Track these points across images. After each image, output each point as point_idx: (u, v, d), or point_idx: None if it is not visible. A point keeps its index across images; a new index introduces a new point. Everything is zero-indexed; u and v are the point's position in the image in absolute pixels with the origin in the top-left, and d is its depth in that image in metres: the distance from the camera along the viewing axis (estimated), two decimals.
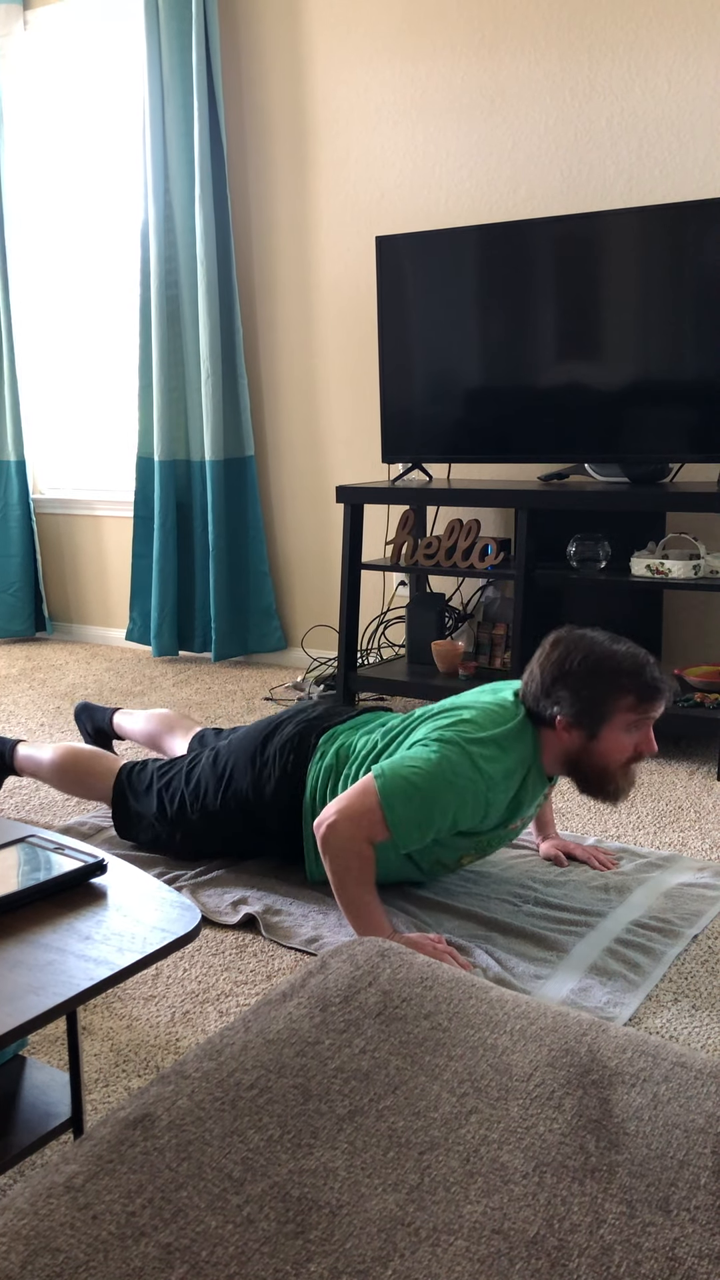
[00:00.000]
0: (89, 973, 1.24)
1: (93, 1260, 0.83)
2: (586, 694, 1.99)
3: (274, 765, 2.26)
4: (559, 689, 2.01)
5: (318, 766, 2.22)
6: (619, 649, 2.01)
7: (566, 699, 2.00)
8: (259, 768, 2.28)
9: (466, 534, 3.34)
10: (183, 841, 2.36)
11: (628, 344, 3.08)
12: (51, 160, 4.56)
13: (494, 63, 3.49)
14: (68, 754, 2.52)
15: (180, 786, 2.36)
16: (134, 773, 2.44)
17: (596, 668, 1.99)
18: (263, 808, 2.26)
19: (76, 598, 4.84)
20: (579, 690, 1.99)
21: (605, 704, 1.99)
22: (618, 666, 1.98)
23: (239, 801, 2.28)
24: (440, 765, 1.95)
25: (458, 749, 1.97)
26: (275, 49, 3.90)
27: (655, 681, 1.99)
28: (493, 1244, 0.85)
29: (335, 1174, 0.92)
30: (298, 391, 4.10)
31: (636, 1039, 1.12)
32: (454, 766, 1.96)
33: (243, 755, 2.32)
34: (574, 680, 1.99)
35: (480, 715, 2.06)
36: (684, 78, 3.20)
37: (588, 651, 2.00)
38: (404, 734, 2.16)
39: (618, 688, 1.98)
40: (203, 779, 2.34)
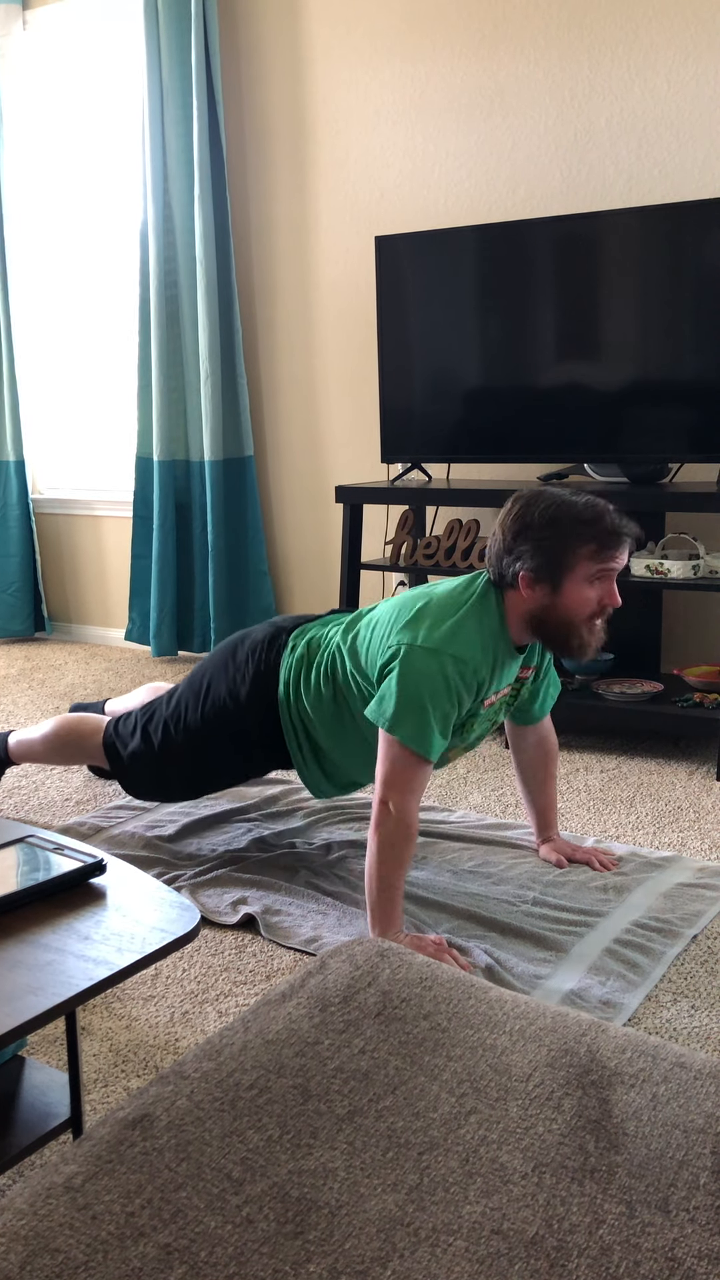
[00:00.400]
0: (88, 973, 1.24)
1: (92, 1260, 0.83)
2: (548, 545, 1.99)
3: (247, 666, 2.30)
4: (520, 543, 2.00)
5: (289, 659, 2.25)
6: (578, 499, 2.01)
7: (528, 552, 2.00)
8: (232, 672, 2.31)
9: (466, 534, 3.34)
10: (179, 775, 2.38)
11: (627, 344, 3.08)
12: (51, 160, 4.56)
13: (494, 63, 3.49)
14: (58, 723, 2.57)
15: (162, 713, 2.39)
16: (119, 723, 2.48)
17: (556, 517, 1.99)
18: (240, 711, 2.28)
19: (75, 598, 4.84)
20: (540, 542, 1.99)
21: (566, 554, 1.99)
22: (577, 515, 1.98)
23: (218, 711, 2.31)
24: (418, 672, 1.97)
25: (426, 655, 1.98)
26: (275, 49, 3.90)
27: (615, 527, 2.00)
28: (492, 1244, 0.85)
29: (334, 1174, 0.92)
30: (297, 391, 4.10)
31: (636, 1039, 1.12)
32: (434, 675, 1.97)
33: (216, 665, 2.36)
34: (534, 533, 1.99)
35: (437, 603, 2.06)
36: (683, 78, 3.20)
37: (548, 504, 2.00)
38: (366, 625, 2.17)
39: (577, 536, 1.98)
40: (181, 699, 2.38)
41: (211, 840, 2.53)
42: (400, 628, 2.04)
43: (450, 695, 1.99)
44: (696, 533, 3.35)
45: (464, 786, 2.89)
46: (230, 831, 2.58)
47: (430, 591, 2.12)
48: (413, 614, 2.05)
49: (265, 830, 2.58)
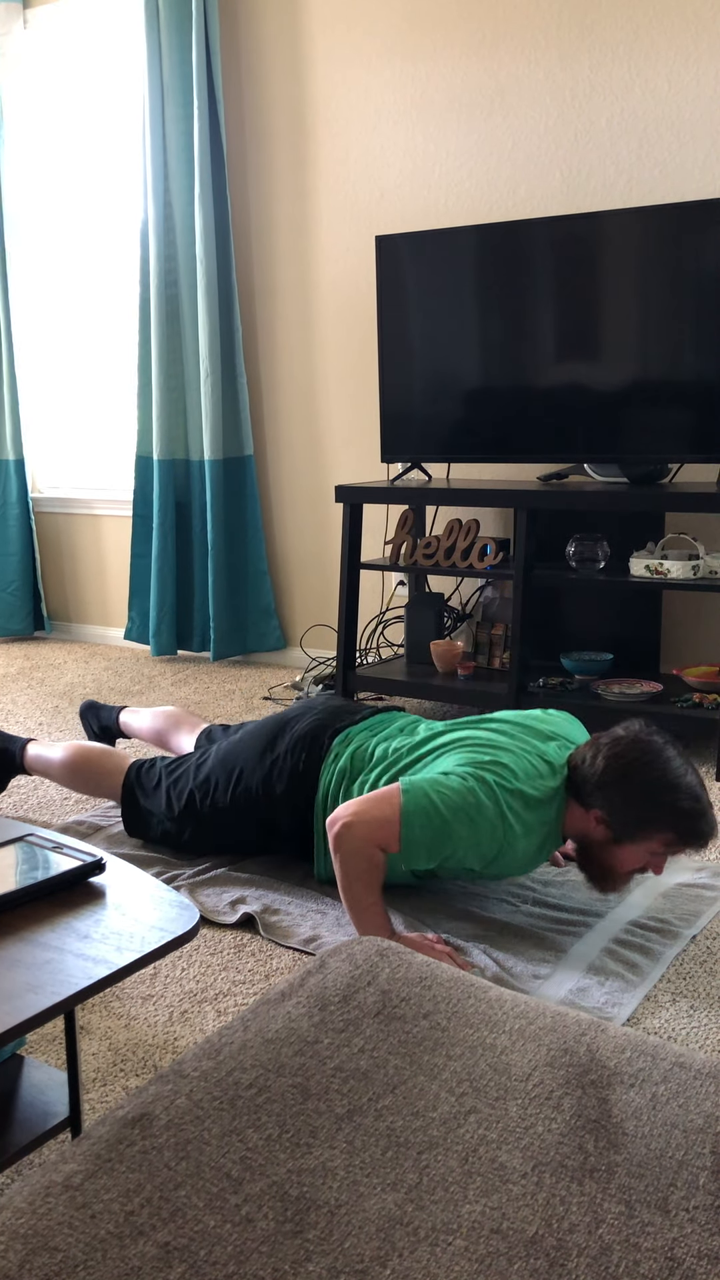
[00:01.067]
0: (87, 972, 1.24)
1: (91, 1259, 0.83)
2: (634, 813, 1.94)
3: (285, 763, 2.25)
4: (611, 792, 1.95)
5: (331, 768, 2.21)
6: (684, 782, 1.94)
7: (614, 806, 1.95)
8: (269, 765, 2.27)
9: (465, 534, 3.34)
10: (192, 838, 2.36)
11: (627, 344, 3.08)
12: (51, 159, 4.56)
13: (494, 62, 3.49)
14: (77, 752, 2.52)
15: (189, 783, 2.35)
16: (143, 770, 2.44)
17: (655, 795, 1.93)
18: (273, 806, 2.25)
19: (75, 597, 4.84)
20: (629, 805, 1.94)
21: (646, 828, 1.95)
22: (676, 804, 1.92)
23: (249, 799, 2.27)
24: (468, 799, 1.93)
25: (489, 791, 1.95)
26: (275, 48, 3.90)
27: (703, 834, 1.94)
28: (491, 1244, 0.85)
29: (334, 1173, 0.92)
30: (297, 391, 4.10)
31: (635, 1039, 1.12)
32: (481, 806, 1.93)
33: (253, 752, 2.31)
34: (629, 794, 1.94)
35: (518, 765, 2.02)
36: (684, 78, 3.20)
37: (656, 774, 1.93)
38: (431, 752, 2.13)
39: (665, 824, 1.93)
40: (212, 776, 2.33)
41: None
42: (486, 763, 1.99)
43: (474, 851, 1.95)
44: (696, 533, 3.35)
45: None
46: None
47: (511, 746, 2.06)
48: (499, 762, 2.00)
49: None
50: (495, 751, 2.04)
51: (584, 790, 2.00)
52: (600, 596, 3.40)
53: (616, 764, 1.96)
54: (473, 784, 1.95)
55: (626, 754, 1.96)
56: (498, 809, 1.94)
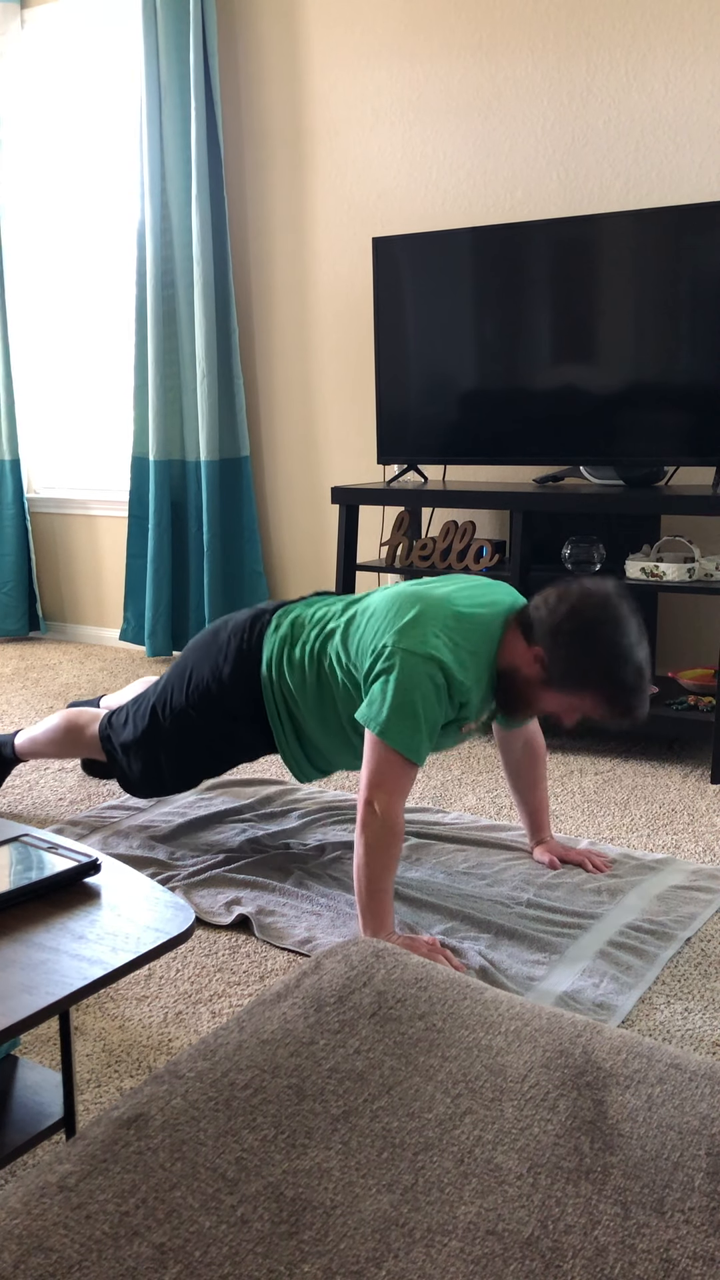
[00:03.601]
0: (82, 972, 1.24)
1: (86, 1260, 0.83)
2: (576, 666, 1.97)
3: (230, 645, 2.31)
4: (563, 639, 1.98)
5: (273, 638, 2.26)
6: (635, 656, 1.96)
7: (559, 652, 1.98)
8: (215, 653, 2.33)
9: (461, 535, 3.34)
10: (168, 762, 2.38)
11: (624, 347, 3.09)
12: (48, 160, 4.55)
13: (491, 64, 3.49)
14: (59, 718, 2.60)
15: (149, 698, 2.41)
16: (113, 715, 2.51)
17: (603, 658, 1.95)
18: (223, 691, 2.29)
19: (70, 597, 4.84)
20: (574, 657, 1.97)
21: (582, 684, 1.98)
22: (618, 674, 1.95)
23: (201, 692, 2.32)
24: (410, 677, 1.97)
25: (417, 658, 1.98)
26: (273, 49, 3.90)
27: (631, 709, 1.97)
28: (487, 1245, 0.85)
29: (329, 1174, 0.92)
30: (293, 392, 4.09)
31: (631, 1040, 1.12)
32: (421, 670, 1.97)
33: (199, 649, 2.38)
34: (579, 647, 1.96)
35: (442, 607, 2.04)
36: (681, 81, 3.21)
37: (610, 639, 1.96)
38: (360, 613, 2.16)
39: (602, 687, 1.97)
40: (168, 684, 2.39)
41: (206, 840, 2.52)
42: (398, 628, 2.03)
43: (440, 702, 2.00)
44: (692, 535, 3.35)
45: (458, 788, 2.89)
46: (225, 832, 2.57)
47: (433, 591, 2.10)
48: (413, 615, 2.03)
49: (260, 831, 2.57)
50: (415, 599, 2.07)
51: (535, 627, 2.02)
52: None
53: (578, 616, 1.98)
54: (404, 669, 1.97)
55: (591, 610, 1.98)
56: (433, 671, 1.97)
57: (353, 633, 2.14)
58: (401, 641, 2.00)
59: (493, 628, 2.07)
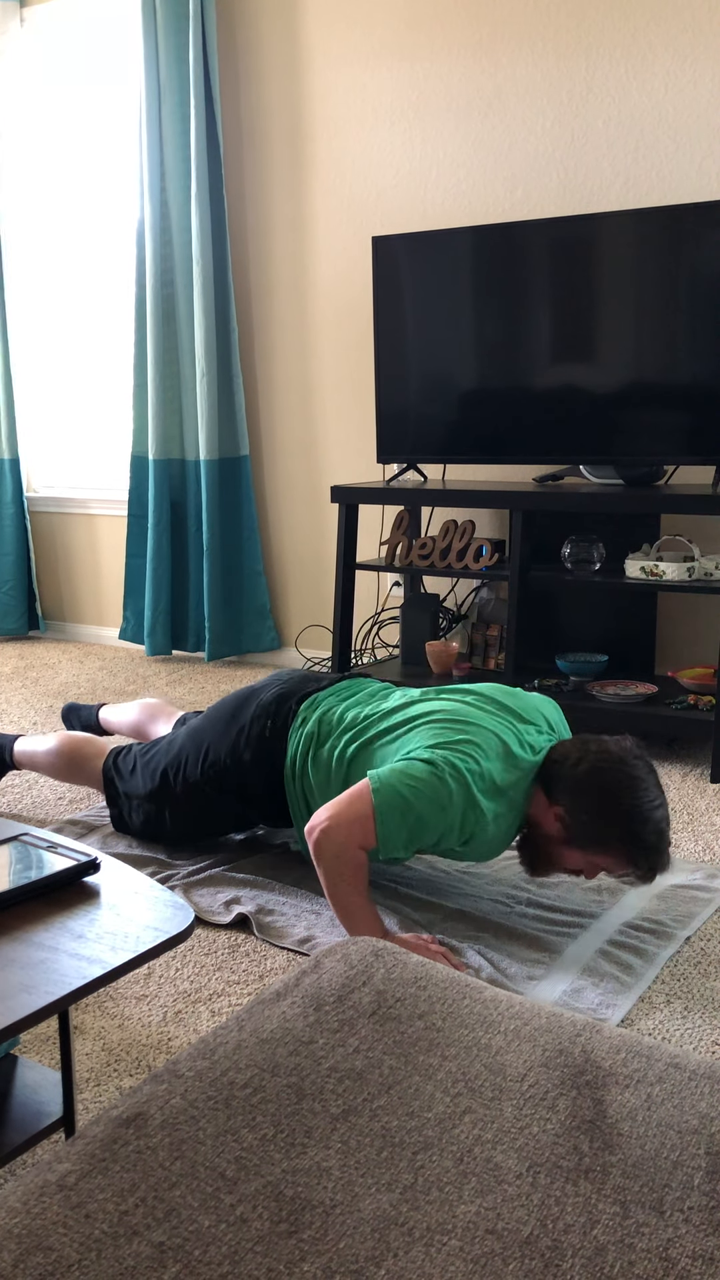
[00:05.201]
0: (81, 971, 1.24)
1: (85, 1259, 0.83)
2: (596, 829, 1.95)
3: (252, 730, 2.26)
4: (582, 800, 1.96)
5: (298, 733, 2.21)
6: (654, 816, 1.94)
7: (579, 813, 1.96)
8: (236, 735, 2.28)
9: (461, 535, 3.34)
10: (173, 821, 2.37)
11: (623, 346, 3.08)
12: (47, 158, 4.55)
13: (491, 64, 3.49)
14: (62, 740, 2.56)
15: (162, 761, 2.37)
16: (120, 756, 2.47)
17: (623, 820, 1.93)
18: (243, 773, 2.26)
19: (70, 596, 4.84)
20: (594, 820, 1.95)
21: (601, 844, 1.95)
22: (638, 835, 1.93)
23: (218, 769, 2.29)
24: (438, 788, 1.93)
25: (458, 776, 1.94)
26: (272, 48, 3.90)
27: (652, 870, 1.96)
28: (486, 1244, 0.85)
29: (329, 1173, 0.92)
30: (293, 391, 4.09)
31: (630, 1040, 1.12)
32: (451, 793, 1.93)
33: (219, 724, 2.33)
34: (598, 810, 1.94)
35: (490, 745, 2.01)
36: (681, 80, 3.20)
37: (630, 800, 1.93)
38: (403, 724, 2.11)
39: (620, 849, 1.94)
40: (183, 751, 2.35)
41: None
42: (454, 744, 1.98)
43: (441, 819, 1.95)
44: (691, 535, 3.35)
45: None
46: None
47: (485, 724, 2.05)
48: (463, 738, 1.99)
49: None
50: (467, 729, 2.03)
51: (556, 785, 2.00)
52: (595, 598, 3.40)
53: (596, 776, 1.96)
54: (442, 770, 1.94)
55: (609, 770, 1.96)
56: (467, 795, 1.94)
57: (394, 748, 2.08)
58: (448, 754, 1.97)
59: (531, 773, 2.04)
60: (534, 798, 2.04)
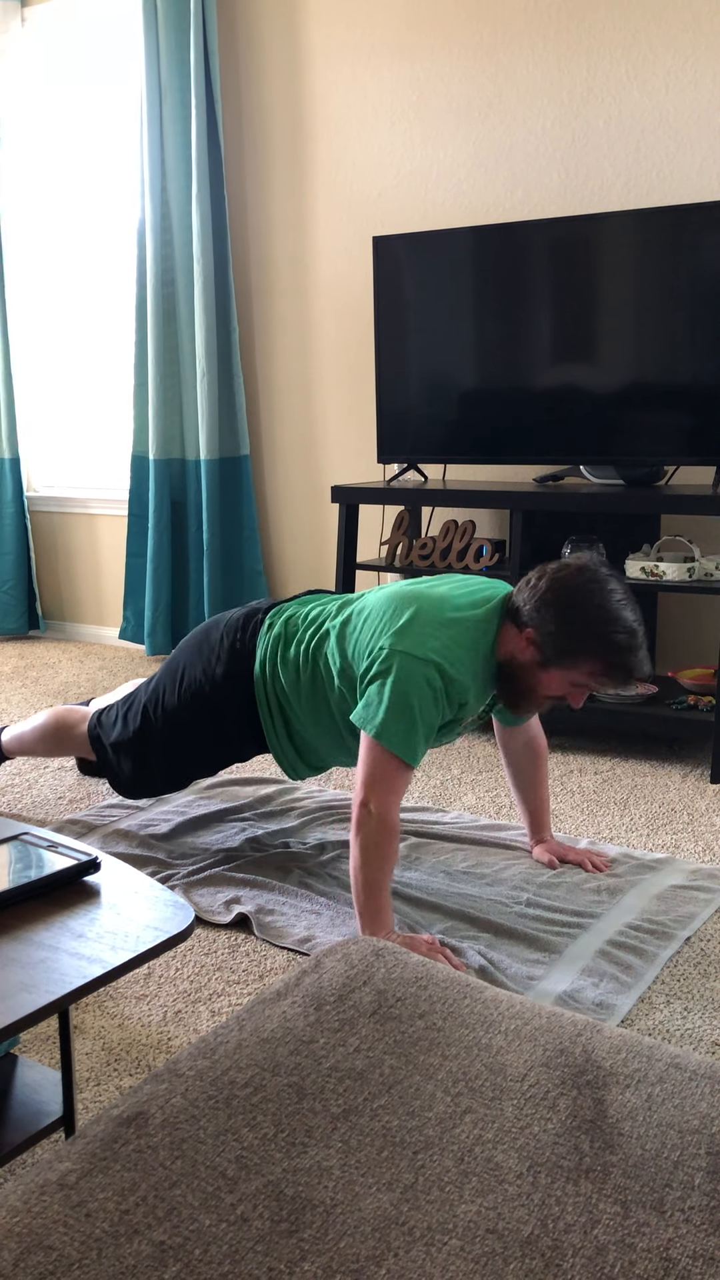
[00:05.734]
0: (81, 971, 1.24)
1: (86, 1258, 0.83)
2: (569, 635, 1.97)
3: (222, 645, 2.30)
4: (549, 613, 1.98)
5: (266, 638, 2.25)
6: (623, 615, 1.97)
7: (548, 627, 1.98)
8: (207, 653, 2.32)
9: (461, 535, 3.34)
10: (160, 760, 2.38)
11: (624, 346, 3.08)
12: (48, 158, 4.55)
13: (492, 64, 3.49)
14: (48, 716, 2.59)
15: (141, 698, 2.41)
16: (103, 714, 2.50)
17: (592, 623, 1.96)
18: (216, 690, 2.29)
19: (70, 596, 4.84)
20: (563, 629, 1.97)
21: (577, 655, 1.98)
22: (610, 635, 1.95)
23: (194, 692, 2.31)
24: (407, 680, 1.97)
25: (413, 660, 1.98)
26: (273, 48, 3.90)
27: (630, 669, 1.98)
28: (487, 1244, 0.85)
29: (329, 1173, 0.92)
30: (293, 391, 4.09)
31: (631, 1040, 1.12)
32: (418, 673, 1.97)
33: (190, 649, 2.37)
34: (566, 618, 1.97)
35: (437, 606, 2.04)
36: (682, 81, 3.20)
37: (596, 603, 1.96)
38: (355, 613, 2.15)
39: (595, 653, 1.97)
40: (159, 684, 2.39)
41: (205, 839, 2.52)
42: (395, 630, 2.02)
43: (437, 705, 2.00)
44: (691, 535, 3.35)
45: (458, 787, 2.89)
46: (224, 831, 2.57)
47: (429, 592, 2.09)
48: (408, 617, 2.03)
49: (259, 830, 2.57)
50: (410, 600, 2.06)
51: (521, 610, 2.03)
52: None
53: (559, 587, 1.99)
54: (400, 671, 1.97)
55: (571, 579, 1.99)
56: (430, 673, 1.97)
57: (349, 634, 2.14)
58: (398, 644, 2.00)
59: (488, 623, 2.07)
60: (504, 635, 2.06)
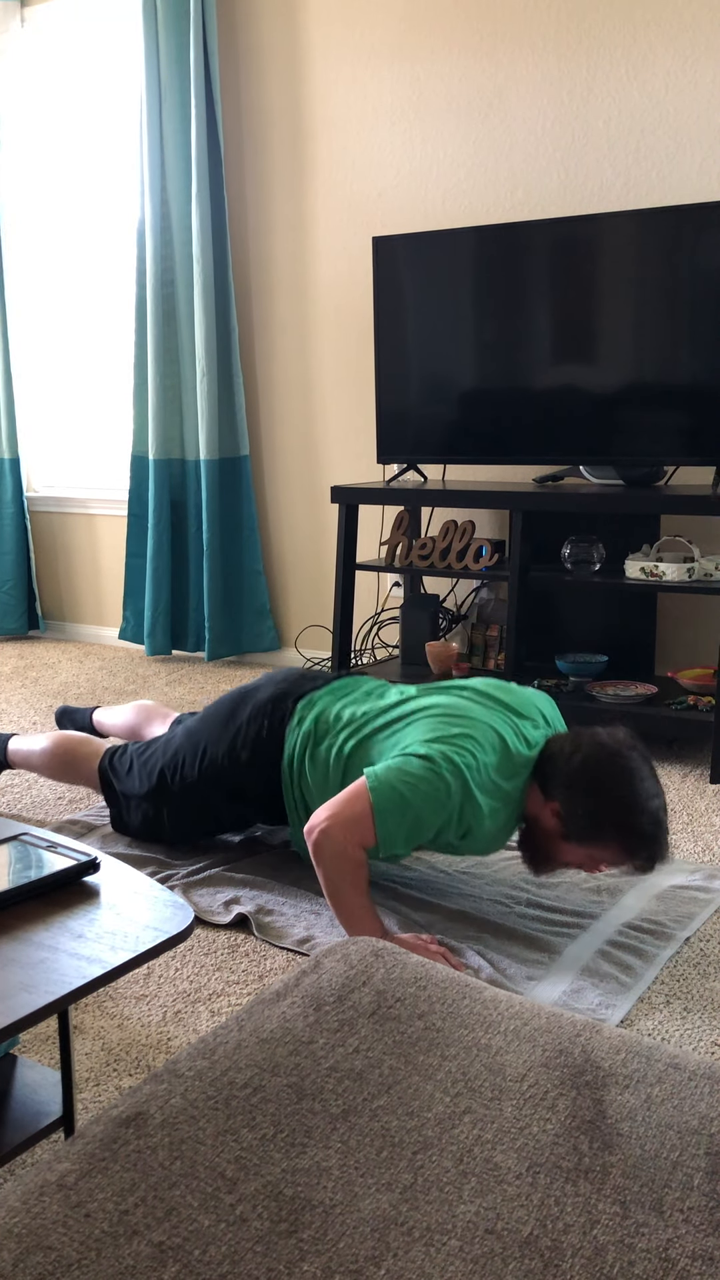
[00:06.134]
0: (81, 971, 1.24)
1: (85, 1258, 0.83)
2: (592, 822, 1.94)
3: (248, 730, 2.26)
4: (577, 794, 1.95)
5: (295, 733, 2.21)
6: (650, 806, 1.93)
7: (575, 807, 1.95)
8: (233, 735, 2.28)
9: (461, 535, 3.34)
10: (171, 820, 2.36)
11: (623, 346, 3.09)
12: (48, 158, 4.55)
13: (492, 64, 3.49)
14: (57, 740, 2.56)
15: (159, 761, 2.37)
16: (115, 756, 2.46)
17: (618, 812, 1.92)
18: (239, 774, 2.26)
19: (70, 596, 4.84)
20: (590, 813, 1.94)
21: (598, 837, 1.95)
22: (635, 826, 1.92)
23: (215, 770, 2.28)
24: (435, 784, 1.93)
25: (455, 771, 1.94)
26: (273, 48, 3.90)
27: (650, 860, 1.95)
28: (486, 1244, 0.85)
29: (328, 1173, 0.92)
30: (293, 391, 4.09)
31: (630, 1040, 1.12)
32: (449, 788, 1.93)
33: (216, 724, 2.32)
34: (593, 803, 1.93)
35: (487, 739, 2.01)
36: (681, 81, 3.21)
37: (625, 792, 1.92)
38: (400, 719, 2.11)
39: (617, 840, 1.94)
40: (180, 751, 2.34)
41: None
42: (451, 739, 1.97)
43: (438, 814, 1.95)
44: (691, 535, 3.35)
45: None
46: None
47: (480, 718, 2.04)
48: (459, 733, 1.99)
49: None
50: (464, 723, 2.03)
51: (551, 780, 2.00)
52: (595, 599, 3.40)
53: (590, 769, 1.95)
54: (439, 765, 1.94)
55: (604, 763, 1.95)
56: (464, 789, 1.94)
57: (391, 743, 2.08)
58: (445, 749, 1.96)
59: (521, 781, 2.03)
60: (530, 794, 2.04)
